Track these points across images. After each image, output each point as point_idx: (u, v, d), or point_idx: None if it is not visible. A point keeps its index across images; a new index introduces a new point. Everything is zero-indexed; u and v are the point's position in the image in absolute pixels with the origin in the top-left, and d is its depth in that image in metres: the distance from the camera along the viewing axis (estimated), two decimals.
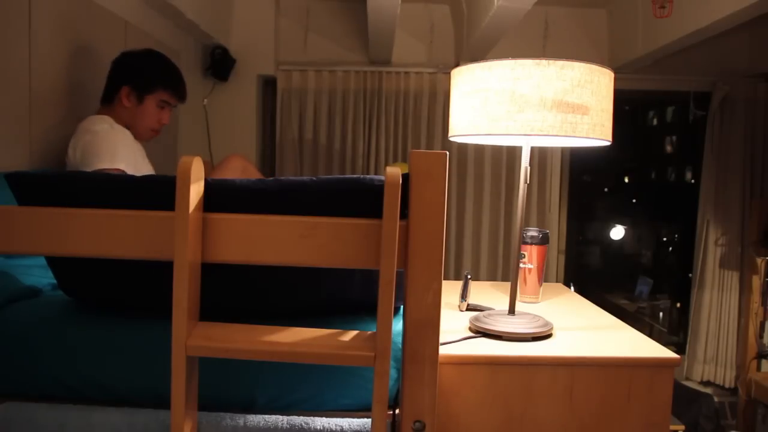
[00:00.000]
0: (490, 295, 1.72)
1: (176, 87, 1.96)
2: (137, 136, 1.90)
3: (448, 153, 0.92)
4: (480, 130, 1.24)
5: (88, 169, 1.65)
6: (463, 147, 3.26)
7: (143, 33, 2.47)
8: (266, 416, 1.01)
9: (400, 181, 0.87)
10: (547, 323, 1.32)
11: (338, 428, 0.99)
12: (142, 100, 1.88)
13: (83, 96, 2.04)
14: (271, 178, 0.99)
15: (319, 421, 1.00)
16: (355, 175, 0.99)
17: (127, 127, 1.86)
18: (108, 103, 1.88)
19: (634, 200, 4.11)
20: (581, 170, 3.64)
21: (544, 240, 1.62)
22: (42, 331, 1.07)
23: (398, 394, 0.99)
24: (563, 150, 3.36)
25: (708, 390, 3.27)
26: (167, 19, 2.58)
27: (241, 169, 1.94)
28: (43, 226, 0.91)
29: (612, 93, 1.27)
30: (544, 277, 1.66)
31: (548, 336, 1.30)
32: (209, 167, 1.82)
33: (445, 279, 1.63)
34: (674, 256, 3.97)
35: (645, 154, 4.05)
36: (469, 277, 1.53)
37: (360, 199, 0.94)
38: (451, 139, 1.38)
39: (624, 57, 3.10)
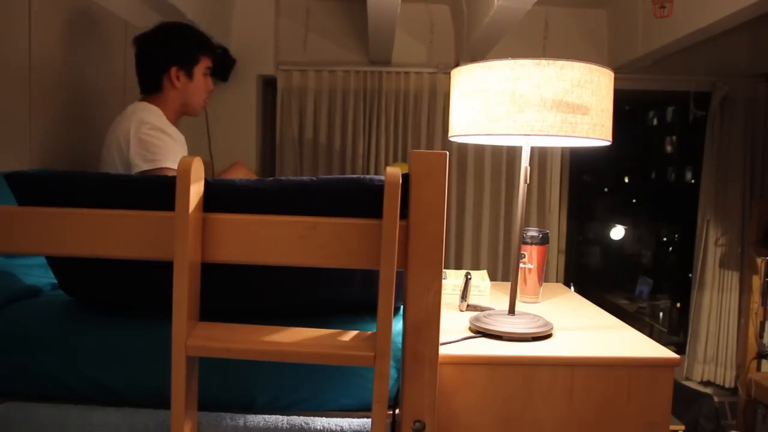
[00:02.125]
0: (490, 295, 1.71)
1: (212, 48, 1.92)
2: (192, 113, 1.89)
3: (448, 153, 0.92)
4: (480, 130, 1.24)
5: (151, 166, 1.65)
6: (463, 147, 3.26)
7: None
8: (266, 416, 1.01)
9: (400, 181, 0.87)
10: (547, 323, 1.32)
11: (338, 428, 0.99)
12: (192, 75, 1.84)
13: (83, 96, 2.04)
14: (271, 178, 0.99)
15: (319, 421, 1.00)
16: (355, 175, 0.99)
17: (180, 109, 1.85)
18: (154, 92, 1.81)
19: (634, 200, 4.11)
20: (581, 170, 3.64)
21: (544, 240, 1.62)
22: (42, 331, 1.07)
23: (398, 394, 0.99)
24: (563, 150, 3.36)
25: (708, 390, 3.27)
26: (167, 19, 2.57)
27: (245, 176, 1.94)
28: (43, 226, 0.91)
29: (612, 93, 1.27)
30: (544, 277, 1.66)
31: (548, 336, 1.30)
32: (209, 168, 1.83)
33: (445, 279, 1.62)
34: (674, 256, 3.97)
35: (645, 154, 4.05)
36: (469, 277, 1.53)
37: (360, 199, 0.94)
38: (451, 139, 1.38)
39: (624, 57, 3.10)
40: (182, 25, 1.90)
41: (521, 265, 1.63)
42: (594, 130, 1.22)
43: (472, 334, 1.30)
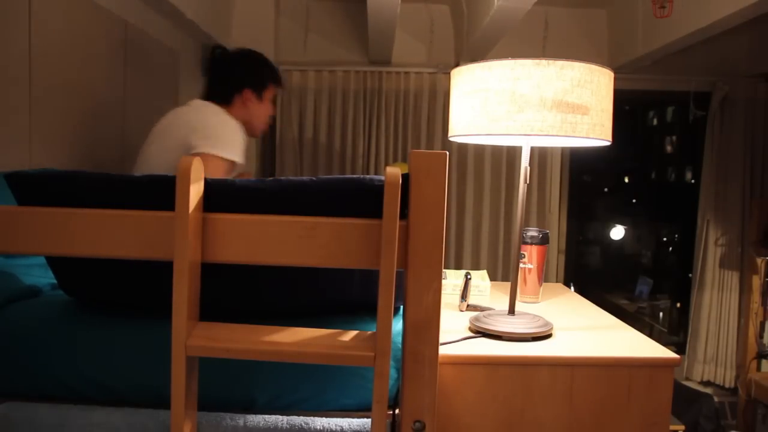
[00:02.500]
0: (490, 295, 1.71)
1: (281, 79, 2.12)
2: (250, 133, 2.04)
3: (448, 153, 0.92)
4: (480, 130, 1.24)
5: (212, 151, 1.75)
6: (463, 147, 3.26)
7: (143, 33, 2.47)
8: (266, 416, 1.01)
9: (400, 181, 0.87)
10: (547, 323, 1.32)
11: (338, 428, 0.99)
12: (261, 98, 2.02)
13: (83, 96, 2.04)
14: (271, 178, 0.99)
15: (319, 421, 1.00)
16: (355, 175, 0.99)
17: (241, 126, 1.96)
18: (223, 102, 1.95)
19: (634, 200, 4.12)
20: (581, 170, 3.64)
21: (544, 240, 1.62)
22: (42, 331, 1.07)
23: (398, 394, 0.99)
24: (563, 150, 3.36)
25: (708, 390, 3.27)
26: (167, 19, 2.58)
27: None
28: (43, 226, 0.91)
29: (612, 93, 1.27)
30: (544, 277, 1.66)
31: (548, 336, 1.30)
32: None
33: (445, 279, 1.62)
34: (674, 256, 3.97)
35: (645, 154, 4.05)
36: (469, 277, 1.53)
37: (360, 199, 0.94)
38: (451, 139, 1.38)
39: (624, 57, 3.10)
40: (260, 54, 2.09)
41: (521, 265, 1.63)
42: (594, 130, 1.22)
43: (472, 334, 1.30)
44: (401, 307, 1.09)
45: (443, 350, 1.15)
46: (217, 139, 1.77)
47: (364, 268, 0.92)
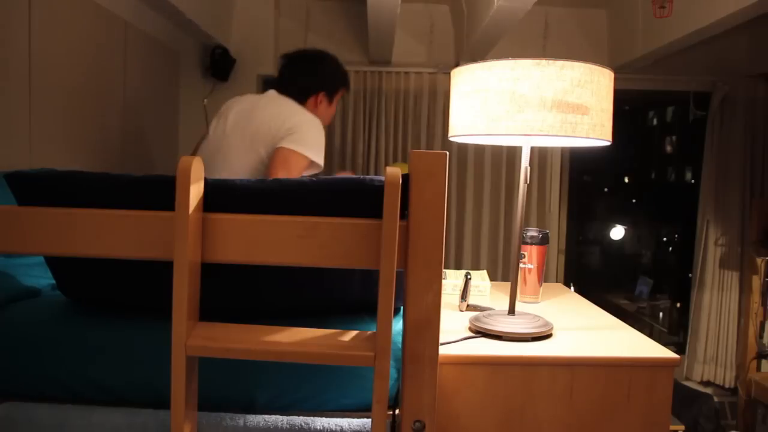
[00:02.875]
0: (490, 295, 1.72)
1: (349, 84, 2.26)
2: None
3: (448, 153, 0.92)
4: (480, 131, 1.24)
5: (297, 148, 1.85)
6: (463, 147, 3.26)
7: (143, 33, 2.47)
8: (266, 416, 1.01)
9: (400, 181, 0.87)
10: (547, 323, 1.32)
11: (338, 428, 0.99)
12: (332, 101, 2.15)
13: (83, 96, 2.04)
14: (271, 178, 0.99)
15: (319, 421, 1.00)
16: (355, 175, 0.99)
17: None
18: (297, 99, 2.03)
19: (634, 200, 4.12)
20: (581, 170, 3.64)
21: (544, 240, 1.62)
22: (42, 331, 1.07)
23: (398, 394, 0.99)
24: (563, 150, 3.36)
25: (708, 390, 3.27)
26: (167, 19, 2.58)
27: None
28: (43, 226, 0.91)
29: (612, 93, 1.27)
30: (544, 277, 1.66)
31: (548, 336, 1.30)
32: None
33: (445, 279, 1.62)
34: (674, 256, 3.97)
35: (645, 154, 4.05)
36: (469, 277, 1.53)
37: (360, 199, 0.94)
38: (451, 139, 1.38)
39: (624, 57, 3.10)
40: (335, 59, 2.20)
41: (521, 265, 1.63)
42: (594, 130, 1.21)
43: (472, 334, 1.30)
44: (401, 307, 1.09)
45: (443, 350, 1.15)
46: (303, 135, 1.86)
47: (364, 269, 0.92)
